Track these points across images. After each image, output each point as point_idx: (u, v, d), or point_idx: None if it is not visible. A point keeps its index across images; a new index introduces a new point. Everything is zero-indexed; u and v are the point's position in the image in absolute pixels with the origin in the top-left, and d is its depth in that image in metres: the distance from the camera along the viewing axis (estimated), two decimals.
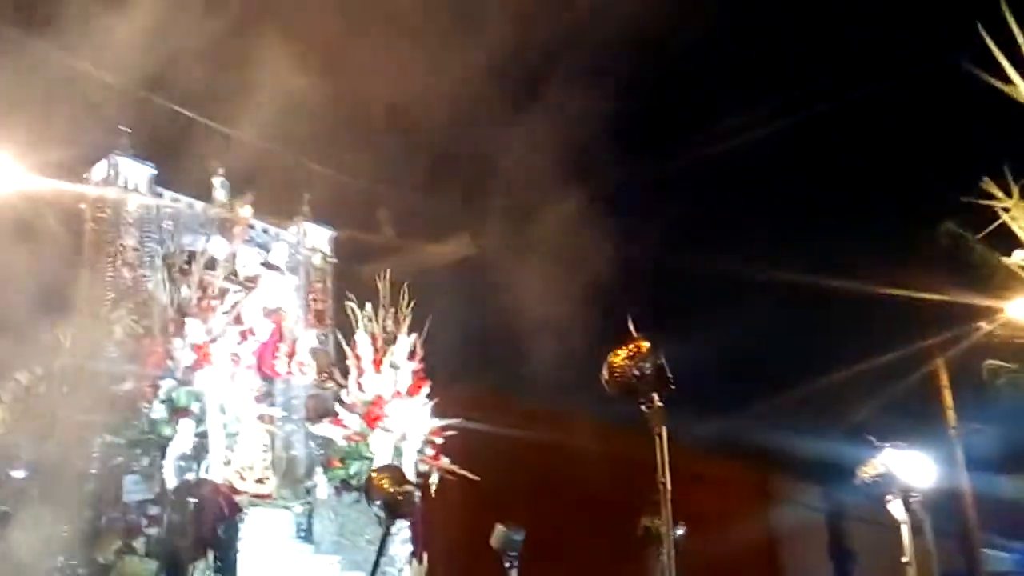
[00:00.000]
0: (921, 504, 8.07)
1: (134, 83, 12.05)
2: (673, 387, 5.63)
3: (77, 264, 11.22)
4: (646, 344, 5.76)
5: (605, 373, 5.87)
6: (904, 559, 7.92)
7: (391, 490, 7.61)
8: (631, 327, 6.02)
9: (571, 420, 14.77)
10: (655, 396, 5.54)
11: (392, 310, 11.62)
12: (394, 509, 7.65)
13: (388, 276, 11.86)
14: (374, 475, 7.93)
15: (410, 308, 11.64)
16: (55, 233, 11.53)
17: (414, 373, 11.36)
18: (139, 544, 9.45)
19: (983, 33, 7.35)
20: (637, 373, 5.64)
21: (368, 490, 8.05)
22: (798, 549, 22.91)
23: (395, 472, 7.92)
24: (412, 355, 11.45)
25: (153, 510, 9.57)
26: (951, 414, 17.63)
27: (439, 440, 11.29)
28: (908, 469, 8.16)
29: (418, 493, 7.77)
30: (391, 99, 12.72)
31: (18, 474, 10.82)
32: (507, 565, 9.65)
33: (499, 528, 9.49)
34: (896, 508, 8.08)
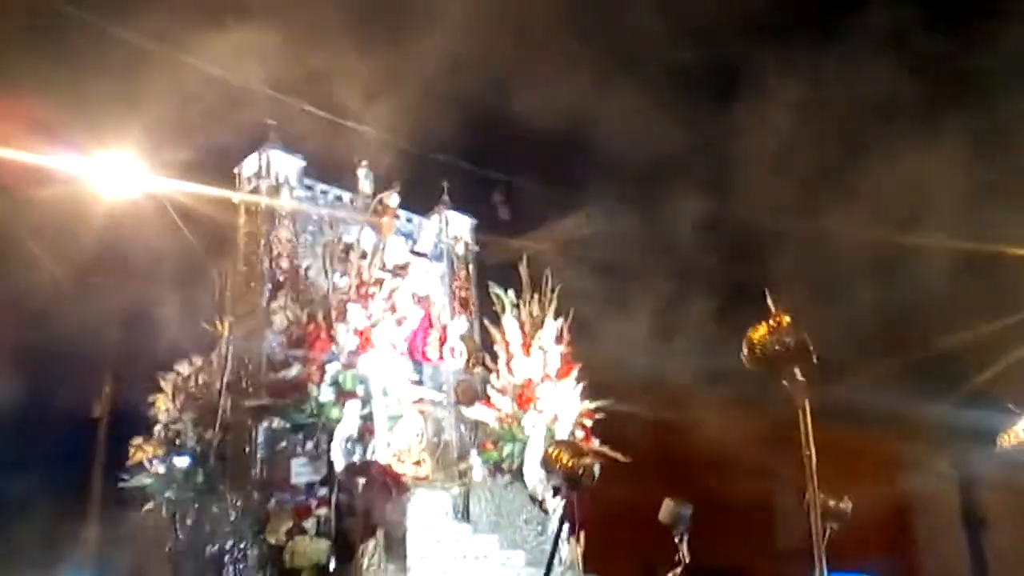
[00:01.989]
0: None
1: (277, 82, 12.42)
2: (816, 361, 5.49)
3: (234, 257, 11.57)
4: (787, 318, 5.53)
5: (745, 349, 5.86)
6: None
7: (570, 464, 7.69)
8: (769, 301, 6.10)
9: (711, 398, 14.70)
10: (797, 371, 5.42)
11: (536, 295, 11.71)
12: (575, 482, 7.73)
13: (527, 262, 11.93)
14: (551, 449, 8.01)
15: (555, 293, 11.72)
16: (210, 227, 11.90)
17: (562, 356, 11.46)
18: (309, 525, 9.63)
19: None
20: (778, 348, 5.40)
21: (546, 463, 8.15)
22: (930, 518, 22.65)
23: (573, 446, 8.00)
24: (559, 338, 11.54)
25: (322, 491, 9.77)
26: None
27: (589, 422, 11.36)
28: None
29: (599, 466, 7.85)
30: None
31: (182, 461, 11.18)
32: (677, 539, 9.77)
33: (668, 502, 9.56)
34: None
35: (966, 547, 23.08)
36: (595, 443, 11.24)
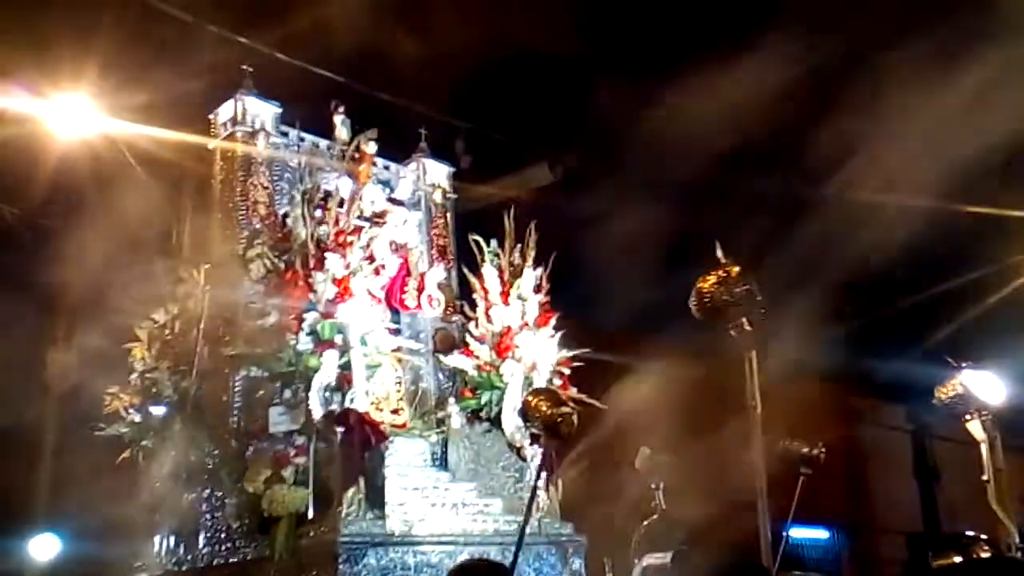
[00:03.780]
0: (992, 422, 8.28)
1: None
2: (764, 310, 5.71)
3: (209, 204, 11.47)
4: (735, 269, 5.88)
5: (694, 298, 5.95)
6: (984, 477, 8.01)
7: (549, 412, 7.72)
8: (719, 252, 6.04)
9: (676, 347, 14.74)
10: (745, 320, 5.60)
11: (517, 244, 11.66)
12: (554, 431, 7.76)
13: (512, 211, 11.85)
14: (531, 398, 8.04)
15: (535, 242, 11.67)
16: (186, 175, 11.80)
17: (541, 305, 11.43)
18: (288, 473, 9.65)
19: None
20: (727, 298, 5.78)
21: (525, 412, 8.18)
22: (883, 468, 23.03)
23: (553, 395, 8.02)
24: (538, 288, 11.51)
25: (300, 440, 9.77)
26: None
27: (567, 371, 11.35)
28: (986, 389, 8.23)
29: (576, 414, 7.86)
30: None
31: (159, 410, 11.12)
32: (653, 487, 9.84)
33: (644, 450, 9.64)
34: (975, 427, 8.25)
35: (918, 498, 23.53)
36: (573, 391, 11.25)
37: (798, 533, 19.03)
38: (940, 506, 23.18)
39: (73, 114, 12.20)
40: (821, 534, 22.81)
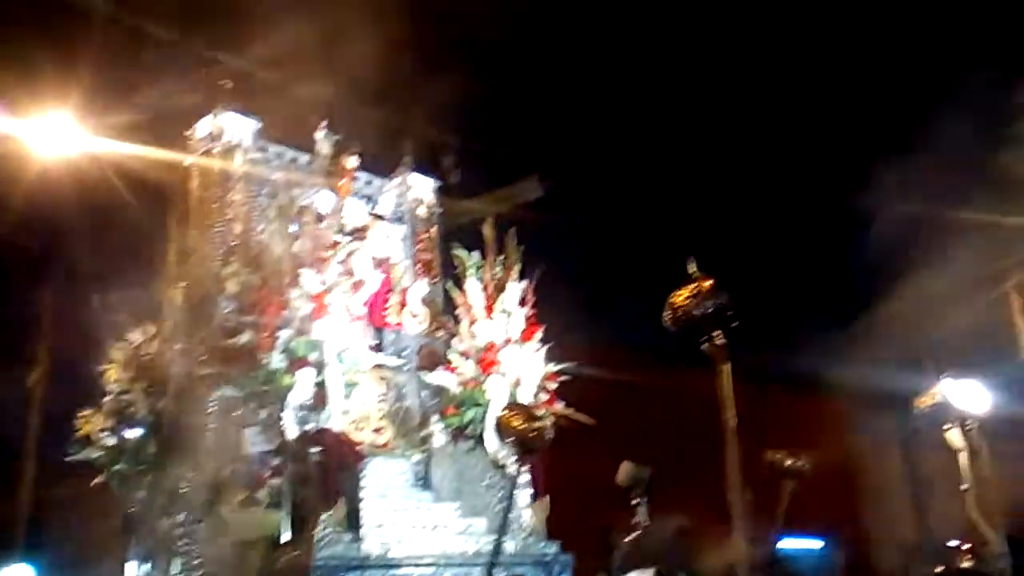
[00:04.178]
0: (978, 431, 8.26)
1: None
2: (736, 324, 5.59)
3: (186, 221, 11.24)
4: (708, 282, 5.72)
5: (667, 312, 5.82)
6: (963, 486, 7.88)
7: (522, 427, 7.48)
8: (691, 266, 5.94)
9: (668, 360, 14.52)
10: (718, 334, 5.51)
11: (501, 257, 11.41)
12: (527, 446, 7.53)
13: (494, 223, 11.60)
14: (504, 414, 7.81)
15: (520, 254, 11.43)
16: (163, 190, 11.59)
17: (526, 319, 11.17)
18: (263, 495, 9.40)
19: None
20: (699, 312, 5.61)
21: (499, 429, 7.95)
22: (875, 477, 22.88)
23: (525, 410, 7.77)
24: (523, 301, 11.25)
25: (275, 461, 9.51)
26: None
27: (553, 385, 11.08)
28: (967, 398, 8.26)
29: (551, 430, 7.63)
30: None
31: (133, 433, 10.88)
32: (635, 502, 9.55)
33: (626, 465, 9.36)
34: (954, 436, 8.28)
35: (910, 507, 23.38)
36: (559, 406, 10.98)
37: (792, 544, 18.80)
38: (933, 515, 23.07)
39: (54, 133, 12.03)
40: (815, 544, 22.65)
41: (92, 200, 11.81)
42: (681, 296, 5.79)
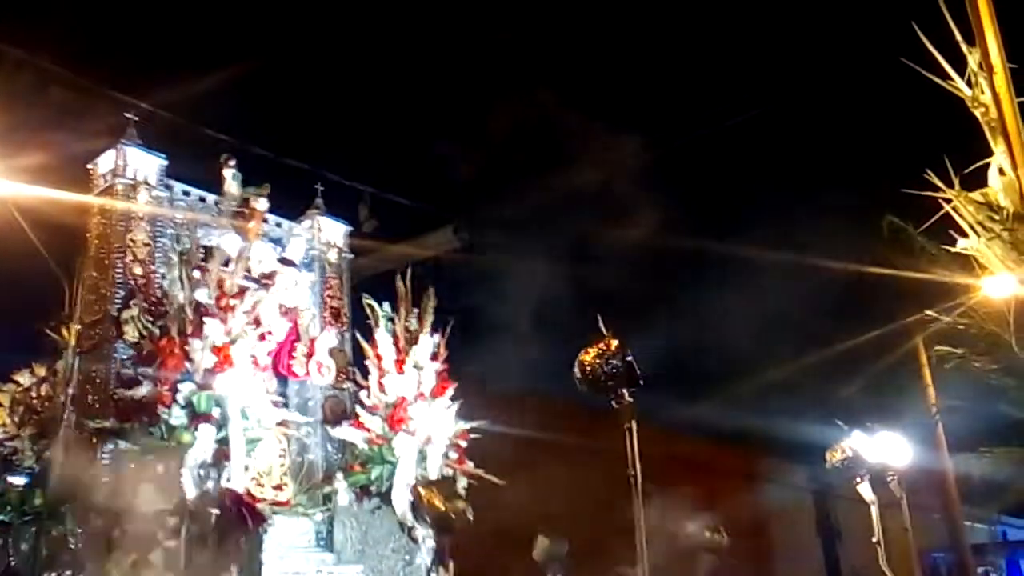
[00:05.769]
0: (898, 483, 8.24)
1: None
2: (641, 383, 5.83)
3: (84, 261, 10.69)
4: (615, 342, 5.96)
5: (577, 371, 6.01)
6: (873, 538, 7.90)
7: (443, 507, 7.24)
8: (600, 325, 6.12)
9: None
10: (624, 392, 5.75)
11: (415, 309, 11.05)
12: (446, 527, 7.27)
13: (409, 274, 11.25)
14: (423, 491, 7.58)
15: (433, 307, 11.08)
16: (60, 227, 11.01)
17: (438, 374, 10.81)
18: (156, 557, 8.84)
19: (919, 32, 7.19)
20: (606, 370, 5.84)
21: (417, 506, 7.69)
22: (786, 528, 22.99)
23: (446, 487, 7.49)
24: (435, 356, 10.89)
25: (171, 521, 8.97)
26: (931, 392, 17.30)
27: (464, 443, 10.73)
28: (881, 450, 8.28)
29: (470, 509, 7.32)
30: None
31: (19, 481, 10.33)
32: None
33: (542, 540, 9.04)
34: (865, 489, 8.22)
35: (823, 560, 23.59)
36: (469, 465, 10.63)
37: None
38: (843, 566, 23.23)
39: None
40: None
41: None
42: (590, 355, 5.97)
